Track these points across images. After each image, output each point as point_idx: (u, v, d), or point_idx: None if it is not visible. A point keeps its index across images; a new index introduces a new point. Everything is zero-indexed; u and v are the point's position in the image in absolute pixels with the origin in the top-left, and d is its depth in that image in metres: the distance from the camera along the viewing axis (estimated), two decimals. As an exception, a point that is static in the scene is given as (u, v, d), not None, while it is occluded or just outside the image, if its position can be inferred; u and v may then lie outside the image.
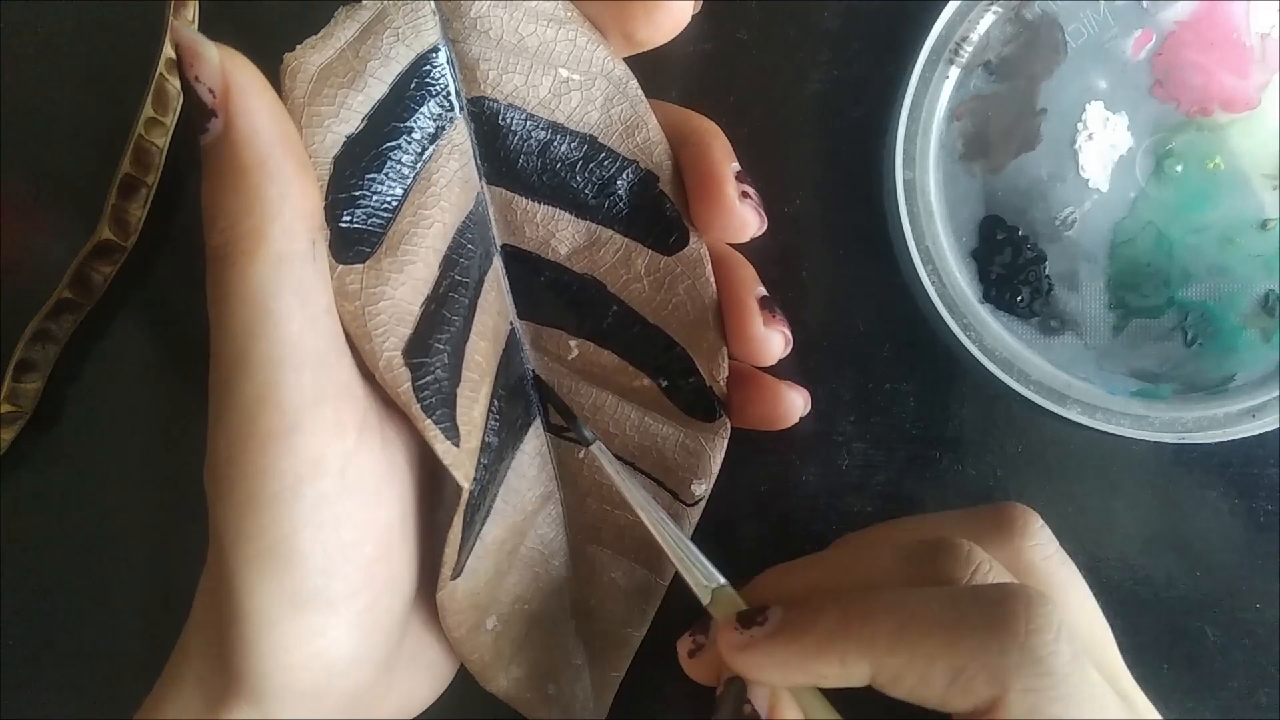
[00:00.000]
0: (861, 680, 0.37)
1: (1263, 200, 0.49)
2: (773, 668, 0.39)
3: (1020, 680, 0.34)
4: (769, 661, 0.39)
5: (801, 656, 0.38)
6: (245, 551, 0.35)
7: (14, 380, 0.51)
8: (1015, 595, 0.36)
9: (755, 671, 0.39)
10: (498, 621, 0.44)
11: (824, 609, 0.38)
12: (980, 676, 0.35)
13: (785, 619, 0.39)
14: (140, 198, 0.51)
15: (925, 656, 0.36)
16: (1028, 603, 0.35)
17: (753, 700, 0.39)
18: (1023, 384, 0.49)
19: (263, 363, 0.34)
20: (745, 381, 0.44)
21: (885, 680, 0.37)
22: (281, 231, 0.34)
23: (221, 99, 0.34)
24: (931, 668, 0.36)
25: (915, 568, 0.40)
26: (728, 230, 0.42)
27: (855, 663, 0.37)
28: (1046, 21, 0.49)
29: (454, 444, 0.39)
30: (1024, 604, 0.35)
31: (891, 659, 0.36)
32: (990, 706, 0.35)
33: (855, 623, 0.37)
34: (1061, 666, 0.35)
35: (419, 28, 0.38)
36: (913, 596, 0.38)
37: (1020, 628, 0.35)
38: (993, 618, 0.35)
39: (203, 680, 0.38)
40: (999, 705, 0.35)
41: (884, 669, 0.36)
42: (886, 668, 0.36)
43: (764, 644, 0.39)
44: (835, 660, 0.37)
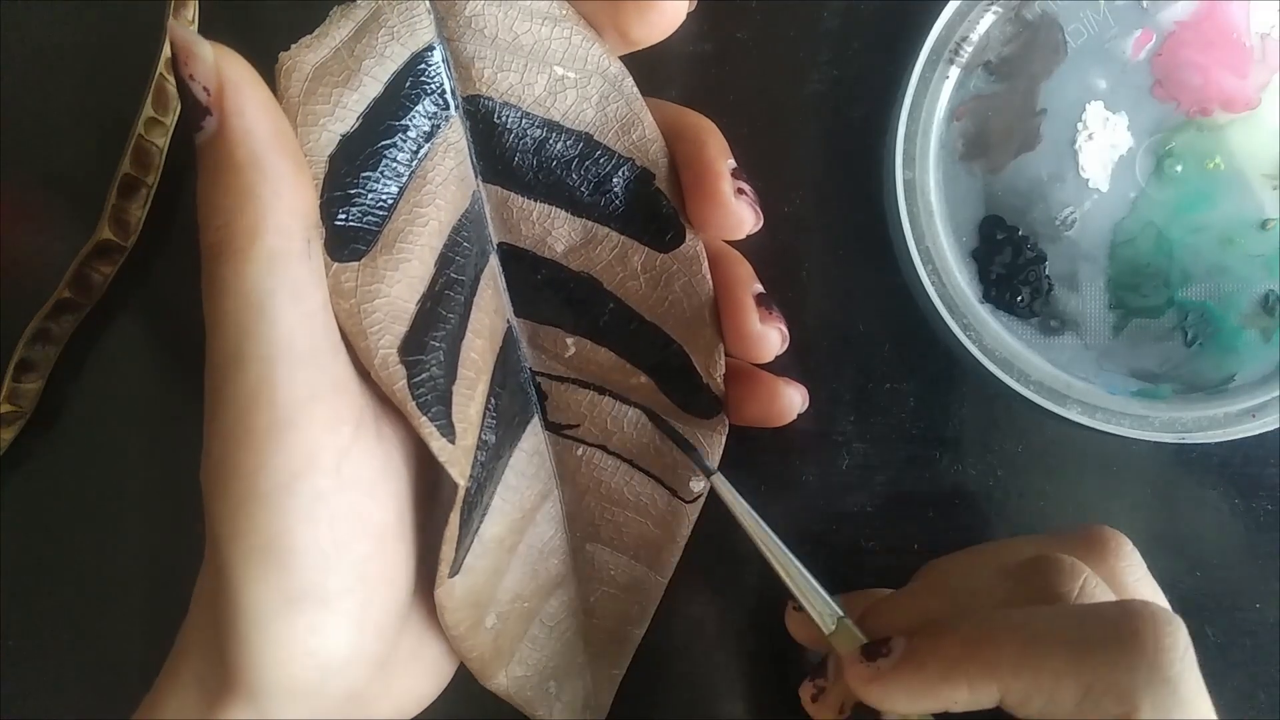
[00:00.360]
0: (990, 702, 0.37)
1: (1263, 200, 0.48)
2: (902, 696, 0.39)
3: (1149, 698, 0.35)
4: (898, 690, 0.39)
5: (929, 683, 0.38)
6: (240, 548, 0.35)
7: (14, 380, 0.51)
8: (1141, 613, 0.36)
9: (886, 702, 0.40)
10: (497, 619, 0.44)
11: (946, 635, 0.39)
12: (1109, 695, 0.35)
13: (909, 648, 0.40)
14: (140, 198, 0.51)
15: (1052, 676, 0.36)
16: (1154, 621, 0.36)
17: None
18: (1023, 384, 0.49)
19: (257, 360, 0.34)
20: (742, 378, 0.44)
21: (1014, 702, 0.37)
22: (276, 229, 0.34)
23: (216, 97, 0.34)
24: (1059, 687, 0.36)
25: (1021, 586, 0.40)
26: (724, 227, 0.42)
27: (982, 686, 0.37)
28: (1046, 21, 0.49)
29: (449, 441, 0.39)
30: (1150, 622, 0.36)
31: (1018, 680, 0.36)
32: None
33: (979, 646, 0.38)
34: (1189, 689, 0.35)
35: (414, 26, 0.38)
36: (1035, 616, 0.38)
37: (1149, 646, 0.35)
38: (1120, 635, 0.36)
39: (200, 679, 0.38)
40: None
41: (1011, 690, 0.37)
42: (1014, 689, 0.37)
43: (892, 674, 0.39)
44: (963, 684, 0.37)
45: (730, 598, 0.52)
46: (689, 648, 0.52)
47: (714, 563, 0.49)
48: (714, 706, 0.52)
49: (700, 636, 0.52)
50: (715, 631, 0.52)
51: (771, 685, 0.52)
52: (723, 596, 0.52)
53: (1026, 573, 0.41)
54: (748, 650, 0.52)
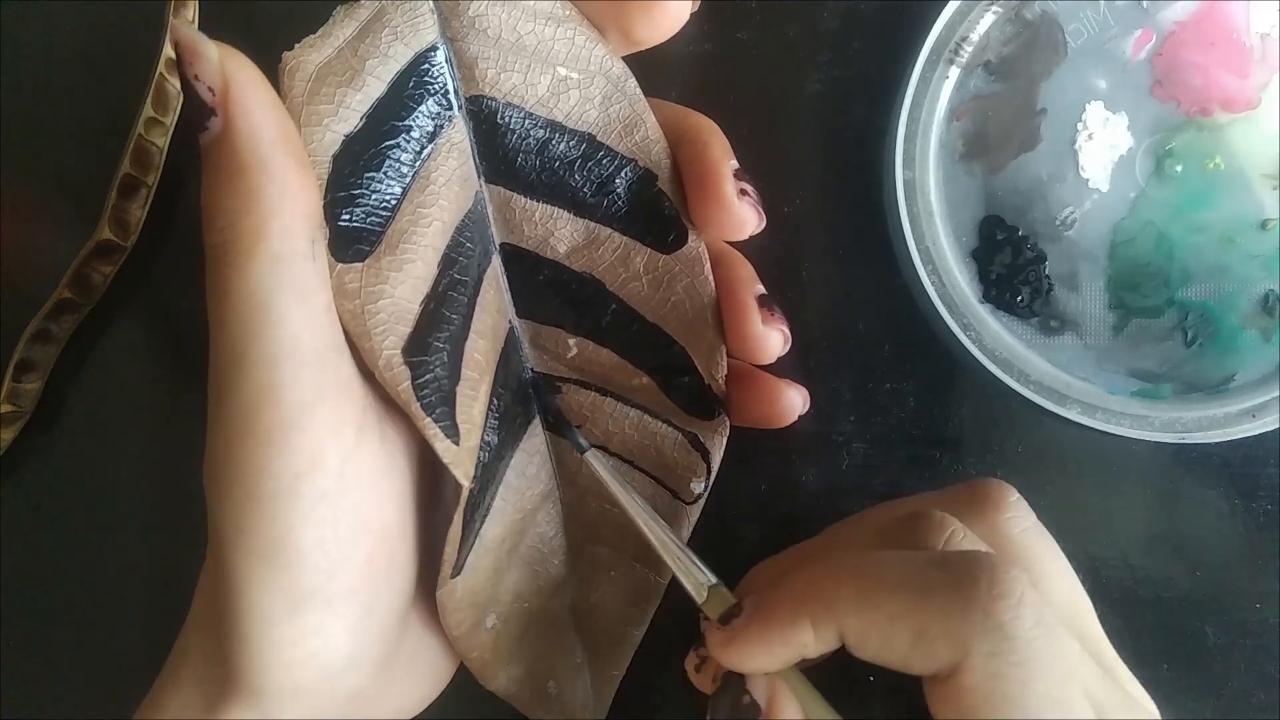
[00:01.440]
0: (834, 643, 0.37)
1: (1263, 200, 0.49)
2: (756, 652, 0.39)
3: (982, 644, 0.34)
4: (752, 646, 0.39)
5: (777, 631, 0.38)
6: (243, 549, 0.35)
7: (14, 380, 0.51)
8: (978, 561, 0.36)
9: (742, 662, 0.39)
10: (497, 620, 0.44)
11: (789, 581, 0.39)
12: (942, 639, 0.35)
13: (757, 602, 0.40)
14: (140, 198, 0.51)
15: (888, 617, 0.36)
16: (991, 568, 0.36)
17: (751, 692, 0.40)
18: (1023, 384, 0.49)
19: (261, 361, 0.34)
20: (744, 380, 0.44)
21: (853, 641, 0.37)
22: (280, 230, 0.34)
23: (221, 97, 0.34)
24: (895, 629, 0.36)
25: (892, 541, 0.41)
26: (726, 228, 0.42)
27: (824, 625, 0.37)
28: (1046, 21, 0.49)
29: (454, 442, 0.39)
30: (987, 569, 0.36)
31: (855, 619, 0.36)
32: (952, 669, 0.35)
33: (820, 585, 0.38)
34: (1024, 632, 0.35)
35: (417, 26, 0.38)
36: (876, 558, 0.39)
37: (982, 592, 0.35)
38: (955, 581, 0.36)
39: (201, 679, 0.38)
40: (961, 669, 0.35)
41: (849, 629, 0.37)
42: (852, 628, 0.37)
43: (742, 631, 0.39)
44: (805, 626, 0.37)
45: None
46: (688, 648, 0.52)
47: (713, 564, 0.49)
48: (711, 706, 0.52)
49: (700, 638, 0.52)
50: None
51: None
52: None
53: (898, 528, 0.41)
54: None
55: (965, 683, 0.35)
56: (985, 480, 0.43)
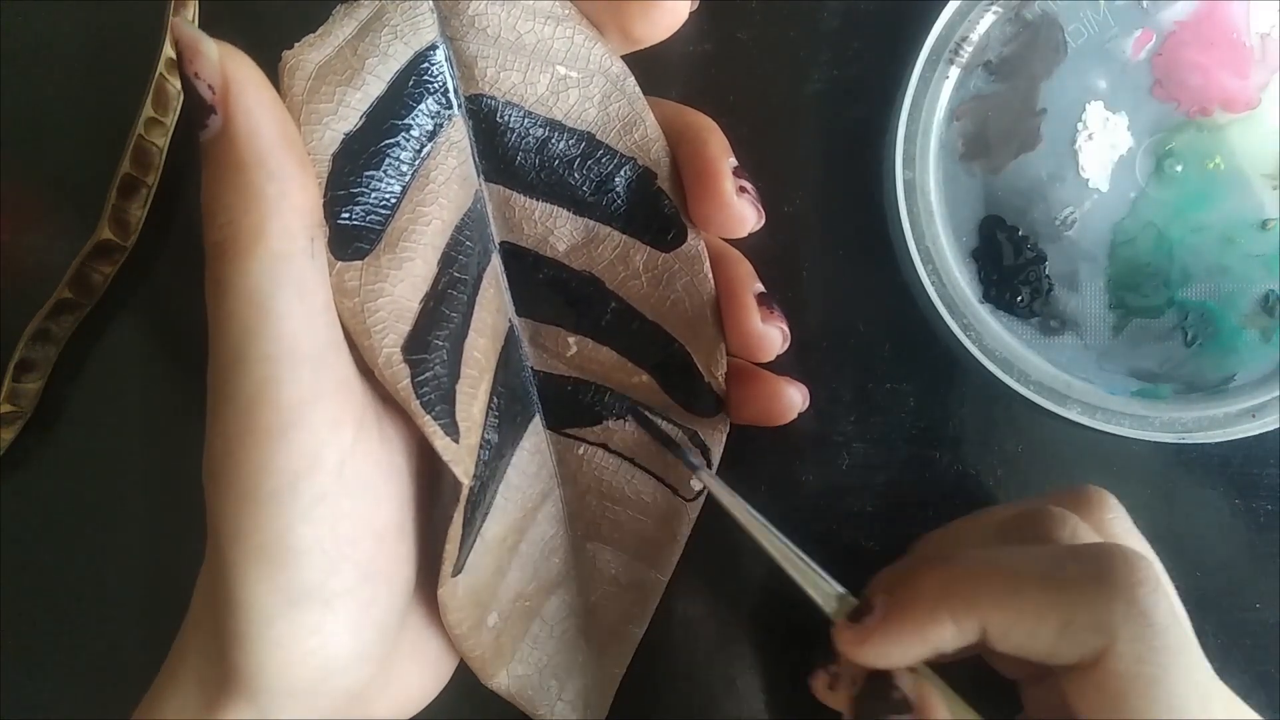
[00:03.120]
0: (975, 637, 0.38)
1: (1263, 200, 0.49)
2: (893, 648, 0.40)
3: (1127, 630, 0.36)
4: (888, 643, 0.40)
5: (915, 627, 0.39)
6: (242, 548, 0.35)
7: (14, 380, 0.51)
8: (1115, 552, 0.38)
9: (880, 659, 0.40)
10: (498, 618, 0.45)
11: (926, 577, 0.40)
12: (1088, 628, 0.36)
13: (892, 599, 0.40)
14: (140, 198, 0.51)
15: (1034, 609, 0.37)
16: (1127, 558, 0.37)
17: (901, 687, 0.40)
18: (1023, 384, 0.49)
19: (261, 359, 0.34)
20: (744, 377, 0.45)
21: (995, 635, 0.38)
22: (280, 228, 0.34)
23: (221, 96, 0.34)
24: (1040, 620, 0.37)
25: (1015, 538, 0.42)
26: (726, 225, 0.42)
27: (966, 621, 0.38)
28: (1046, 21, 0.49)
29: (453, 440, 0.39)
30: (1124, 559, 0.37)
31: (1000, 614, 0.38)
32: (1098, 657, 0.36)
33: (960, 583, 0.39)
34: (1162, 618, 0.36)
35: (417, 25, 0.38)
36: (1015, 554, 0.40)
37: (1124, 580, 0.37)
38: (1098, 571, 0.37)
39: (200, 678, 0.38)
40: (1107, 655, 0.36)
41: (993, 623, 0.38)
42: (995, 623, 0.38)
43: (878, 628, 0.40)
44: (947, 622, 0.38)
45: (730, 597, 0.52)
46: (689, 647, 0.52)
47: (714, 562, 0.49)
48: (714, 706, 0.52)
49: (700, 636, 0.52)
50: (715, 631, 0.52)
51: (772, 684, 0.52)
52: (723, 596, 0.52)
53: (1016, 525, 0.42)
54: (748, 649, 0.52)
55: (1112, 668, 0.36)
56: (1085, 485, 0.45)
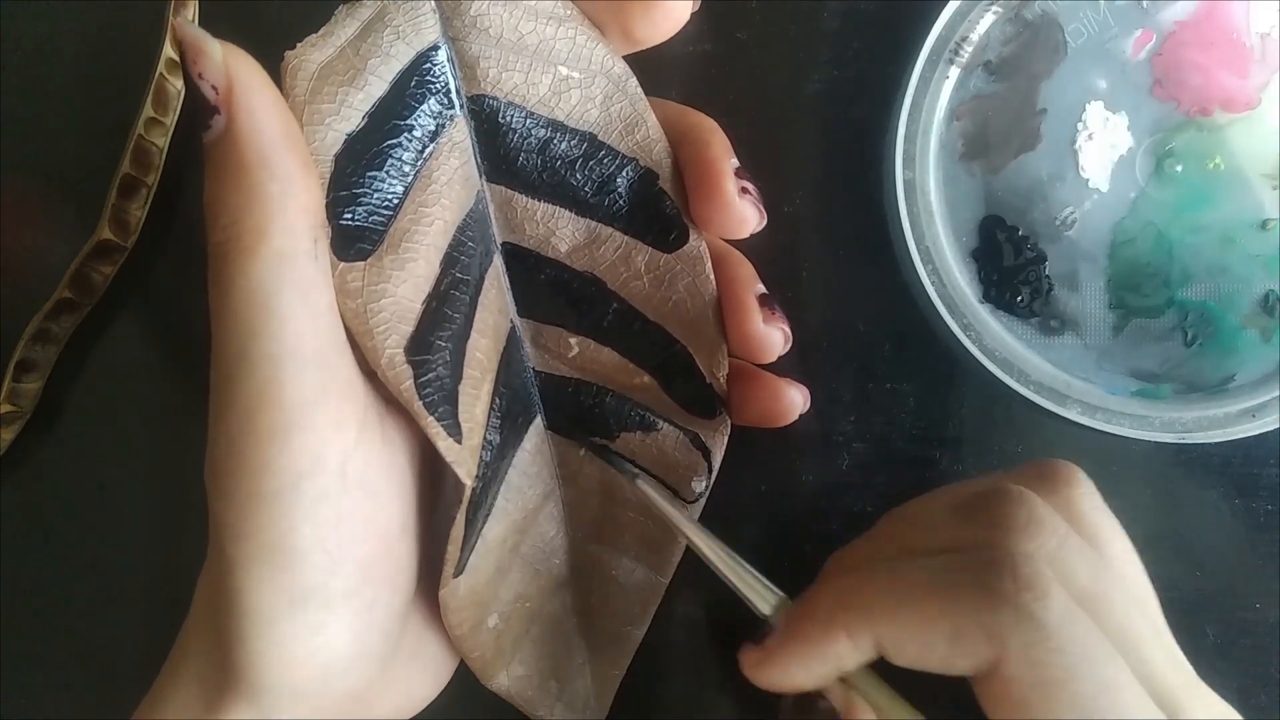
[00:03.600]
0: (871, 653, 0.38)
1: (1263, 200, 0.49)
2: (794, 667, 0.40)
3: (1016, 635, 0.35)
4: (788, 662, 0.40)
5: (813, 643, 0.39)
6: (244, 548, 0.35)
7: (14, 380, 0.51)
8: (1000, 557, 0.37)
9: (783, 679, 0.40)
10: (499, 619, 0.45)
11: (818, 596, 0.40)
12: (978, 636, 0.36)
13: (786, 617, 0.41)
14: (140, 198, 0.51)
15: (922, 621, 0.37)
16: (1013, 562, 0.37)
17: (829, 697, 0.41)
18: (1023, 384, 0.49)
19: (263, 360, 0.34)
20: (745, 379, 0.45)
21: (890, 648, 0.38)
22: (283, 229, 0.34)
23: (224, 96, 0.34)
24: (930, 632, 0.37)
25: (969, 520, 0.41)
26: (727, 226, 0.42)
27: (860, 635, 0.38)
28: (1046, 21, 0.49)
29: (456, 441, 0.39)
30: (1009, 564, 0.36)
31: (890, 627, 0.37)
32: (994, 665, 0.36)
33: (852, 597, 0.39)
34: (1054, 619, 0.35)
35: (419, 25, 0.38)
36: (903, 565, 0.39)
37: (1008, 586, 0.36)
38: (982, 578, 0.37)
39: (202, 678, 0.38)
40: (1002, 663, 0.35)
41: (885, 638, 0.37)
42: (887, 636, 0.37)
43: (777, 650, 0.40)
44: (842, 638, 0.38)
45: (730, 597, 0.52)
46: (689, 648, 0.52)
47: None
48: (714, 706, 0.52)
49: (700, 636, 0.52)
50: (715, 632, 0.52)
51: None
52: (723, 596, 0.52)
53: (974, 504, 0.41)
54: (747, 650, 0.52)
55: (1010, 675, 0.35)
56: (1053, 460, 0.43)
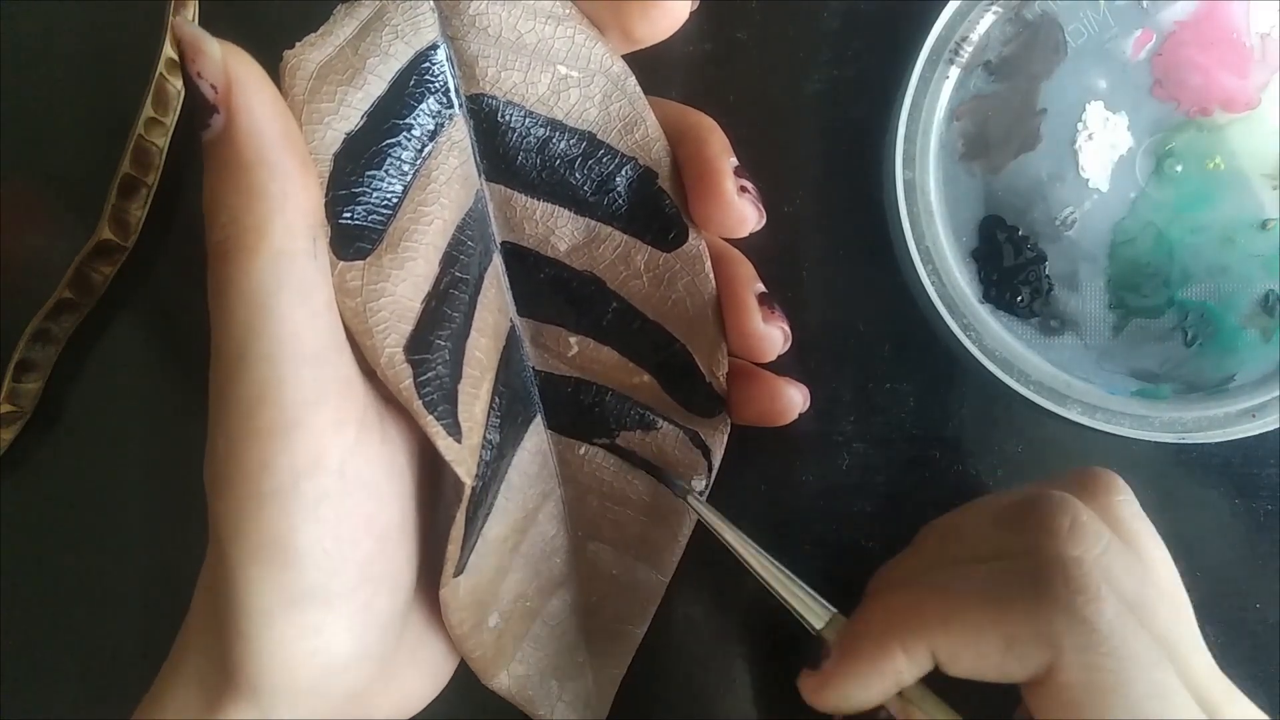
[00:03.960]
0: (927, 665, 0.39)
1: (1263, 200, 0.49)
2: (853, 689, 0.40)
3: (1070, 641, 0.36)
4: (846, 683, 0.40)
5: (869, 663, 0.39)
6: (243, 548, 0.35)
7: (14, 380, 0.51)
8: (1054, 562, 0.38)
9: (843, 701, 0.41)
10: (500, 619, 0.44)
11: (873, 613, 0.41)
12: (1032, 643, 0.36)
13: (840, 636, 0.41)
14: (140, 198, 0.51)
15: (975, 631, 0.37)
16: (1065, 567, 0.37)
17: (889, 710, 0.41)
18: (1023, 384, 0.49)
19: (263, 359, 0.34)
20: (744, 378, 0.45)
21: (945, 659, 0.38)
22: (283, 228, 0.34)
23: (224, 95, 0.34)
24: (984, 641, 0.37)
25: (1013, 528, 0.41)
26: (726, 225, 0.42)
27: (914, 648, 0.38)
28: (1046, 21, 0.49)
29: (456, 440, 0.39)
30: (1062, 569, 0.37)
31: (946, 638, 0.38)
32: (1048, 671, 0.36)
33: (905, 613, 0.39)
34: (1106, 624, 0.36)
35: (418, 25, 0.38)
36: (953, 577, 0.40)
37: (1061, 591, 0.37)
38: (1035, 585, 0.37)
39: (201, 677, 0.38)
40: (1055, 669, 0.36)
41: (941, 649, 0.38)
42: (943, 647, 0.38)
43: (835, 670, 0.40)
44: (898, 653, 0.39)
45: (730, 598, 0.52)
46: (689, 648, 0.52)
47: (714, 563, 0.49)
48: (714, 706, 0.52)
49: (700, 636, 0.52)
50: (715, 631, 0.52)
51: (771, 685, 0.52)
52: (723, 596, 0.52)
53: (1018, 513, 0.42)
54: (747, 650, 0.52)
55: (1064, 680, 0.36)
56: (1093, 468, 0.44)
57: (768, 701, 0.52)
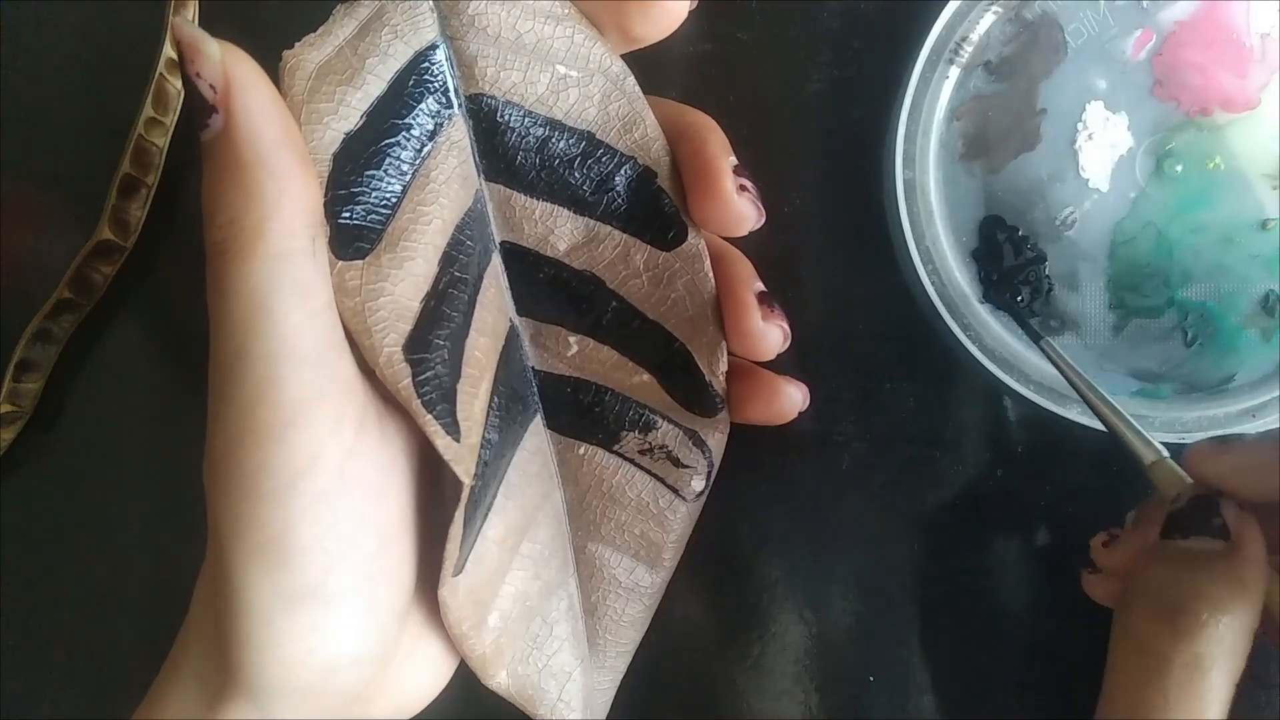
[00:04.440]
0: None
1: (1263, 200, 0.49)
2: (1252, 472, 0.40)
3: None
4: (1252, 459, 0.40)
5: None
6: (242, 547, 0.35)
7: (14, 380, 0.51)
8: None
9: (1234, 476, 0.41)
10: (499, 618, 0.44)
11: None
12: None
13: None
14: (140, 198, 0.51)
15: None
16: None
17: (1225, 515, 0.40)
18: (1023, 384, 0.49)
19: (261, 358, 0.34)
20: (744, 376, 0.44)
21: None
22: (281, 228, 0.34)
23: (223, 95, 0.34)
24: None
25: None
26: (726, 224, 0.42)
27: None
28: (1046, 21, 0.49)
29: (454, 439, 0.39)
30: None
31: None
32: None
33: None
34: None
35: (417, 25, 0.38)
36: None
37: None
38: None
39: (201, 677, 0.38)
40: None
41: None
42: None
43: (1245, 449, 0.41)
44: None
45: (730, 597, 0.52)
46: (689, 647, 0.52)
47: (714, 562, 0.49)
48: (714, 706, 0.52)
49: (700, 636, 0.52)
50: (715, 631, 0.52)
51: (771, 684, 0.52)
52: (723, 596, 0.52)
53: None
54: (747, 650, 0.52)
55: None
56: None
57: (767, 701, 0.52)
